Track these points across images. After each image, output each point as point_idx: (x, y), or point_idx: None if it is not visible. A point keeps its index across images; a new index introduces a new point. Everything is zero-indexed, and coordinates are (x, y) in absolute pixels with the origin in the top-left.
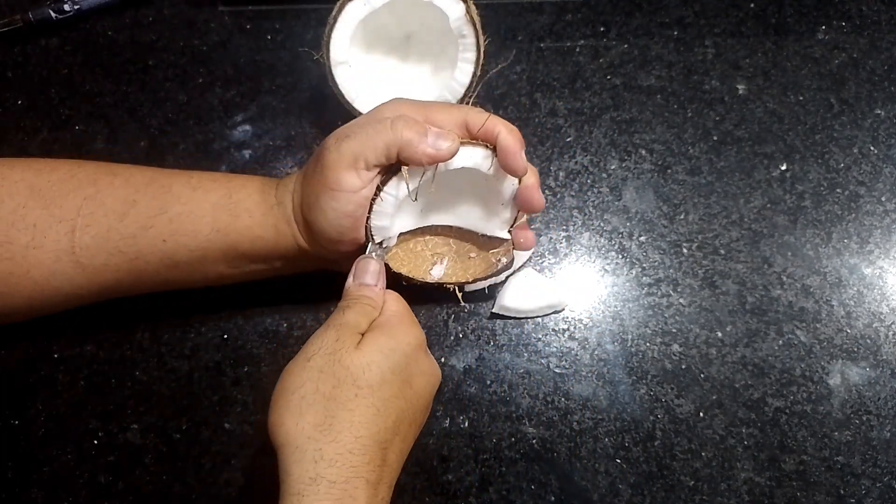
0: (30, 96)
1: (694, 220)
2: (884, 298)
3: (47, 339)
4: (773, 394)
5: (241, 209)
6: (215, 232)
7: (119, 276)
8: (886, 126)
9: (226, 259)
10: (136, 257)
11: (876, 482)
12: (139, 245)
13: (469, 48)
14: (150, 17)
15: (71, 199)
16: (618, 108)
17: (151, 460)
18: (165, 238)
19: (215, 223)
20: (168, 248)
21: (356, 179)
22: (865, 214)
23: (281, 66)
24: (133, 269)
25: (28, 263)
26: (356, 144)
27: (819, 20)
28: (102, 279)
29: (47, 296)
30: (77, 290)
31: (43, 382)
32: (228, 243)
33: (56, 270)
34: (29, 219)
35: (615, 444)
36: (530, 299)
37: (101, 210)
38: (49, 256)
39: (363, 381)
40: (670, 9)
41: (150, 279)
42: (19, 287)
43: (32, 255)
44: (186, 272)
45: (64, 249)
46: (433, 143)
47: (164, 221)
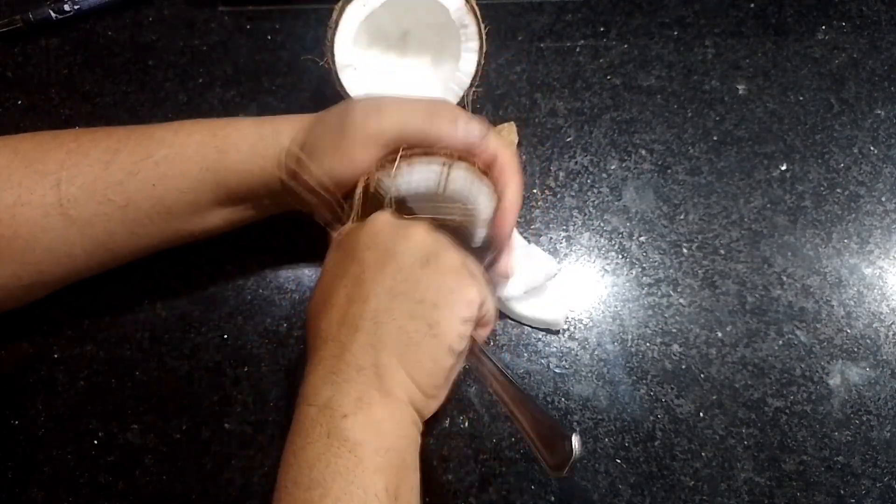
0: (30, 96)
1: (694, 221)
2: (884, 298)
3: (47, 340)
4: (773, 394)
5: (228, 144)
6: (204, 171)
7: (111, 226)
8: (886, 126)
9: (217, 199)
10: (125, 204)
11: (876, 482)
12: (128, 191)
13: (472, 37)
14: (150, 17)
15: (53, 155)
16: (618, 109)
17: (151, 460)
18: (154, 182)
19: (203, 161)
20: (158, 192)
21: (365, 155)
22: (865, 214)
23: (281, 66)
24: (125, 219)
25: (16, 222)
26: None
27: (819, 20)
28: (94, 232)
29: (39, 258)
30: (69, 247)
31: (43, 382)
32: (218, 181)
33: (45, 226)
34: (14, 178)
35: (615, 444)
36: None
37: (85, 161)
38: (37, 212)
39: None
40: (670, 9)
41: (144, 231)
42: (10, 249)
43: (20, 212)
44: (180, 219)
45: (51, 203)
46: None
47: (150, 165)
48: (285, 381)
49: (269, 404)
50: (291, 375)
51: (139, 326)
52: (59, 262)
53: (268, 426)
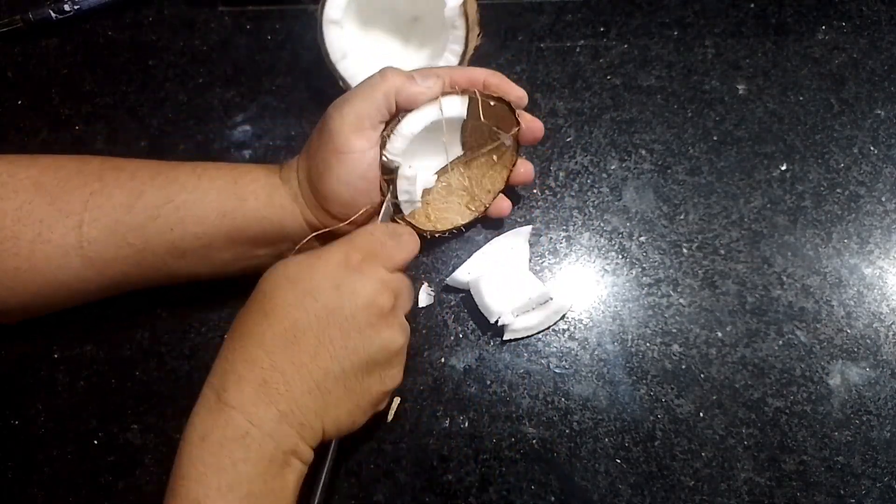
0: (30, 96)
1: (694, 221)
2: (884, 298)
3: (47, 340)
4: (773, 394)
5: (247, 192)
6: (221, 217)
7: (126, 268)
8: (886, 126)
9: (232, 245)
10: (143, 248)
11: (876, 482)
12: (147, 235)
13: (457, 41)
14: (150, 17)
15: (77, 195)
16: (618, 109)
17: (151, 460)
18: (173, 226)
19: (221, 207)
20: (175, 236)
21: (363, 140)
22: (865, 214)
23: (281, 67)
24: (140, 261)
25: (35, 258)
26: (357, 105)
27: (819, 20)
28: (110, 273)
29: (54, 290)
30: (84, 284)
31: (43, 383)
32: (235, 227)
33: (64, 265)
34: (35, 214)
35: (615, 444)
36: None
37: (109, 203)
38: (57, 251)
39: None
40: (670, 9)
41: (155, 271)
42: (26, 283)
43: (40, 249)
44: (193, 261)
45: (72, 244)
46: (422, 83)
47: (170, 210)
48: None
49: None
50: None
51: (139, 326)
52: (73, 297)
53: None
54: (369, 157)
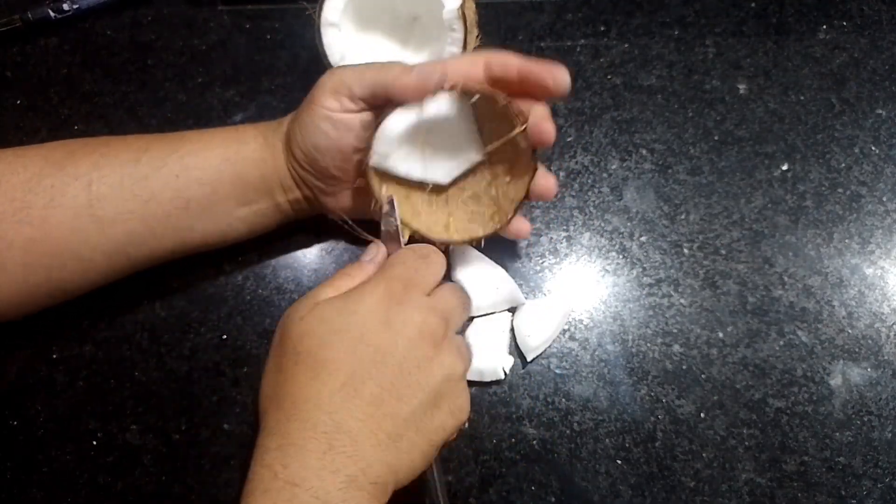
0: (29, 96)
1: (695, 221)
2: (885, 299)
3: (47, 340)
4: (775, 394)
5: (247, 136)
6: (224, 161)
7: (131, 225)
8: (888, 126)
9: (233, 193)
10: (149, 199)
11: (877, 483)
12: (151, 185)
13: (455, 43)
14: (149, 16)
15: (86, 159)
16: (618, 108)
17: (150, 461)
18: (177, 173)
19: (224, 152)
20: (180, 183)
21: (335, 102)
22: (867, 214)
23: (280, 66)
24: (146, 214)
25: (48, 225)
26: (346, 73)
27: (820, 20)
28: (115, 233)
29: (64, 263)
30: (91, 251)
31: (42, 383)
32: (236, 171)
33: (75, 227)
34: (45, 182)
35: (616, 444)
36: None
37: (117, 160)
38: (68, 213)
39: (302, 348)
40: (671, 8)
41: (161, 229)
42: (40, 254)
43: (52, 215)
44: (196, 214)
45: (82, 204)
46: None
47: (175, 159)
48: None
49: None
50: None
51: (138, 327)
52: (81, 267)
53: None
54: (338, 119)
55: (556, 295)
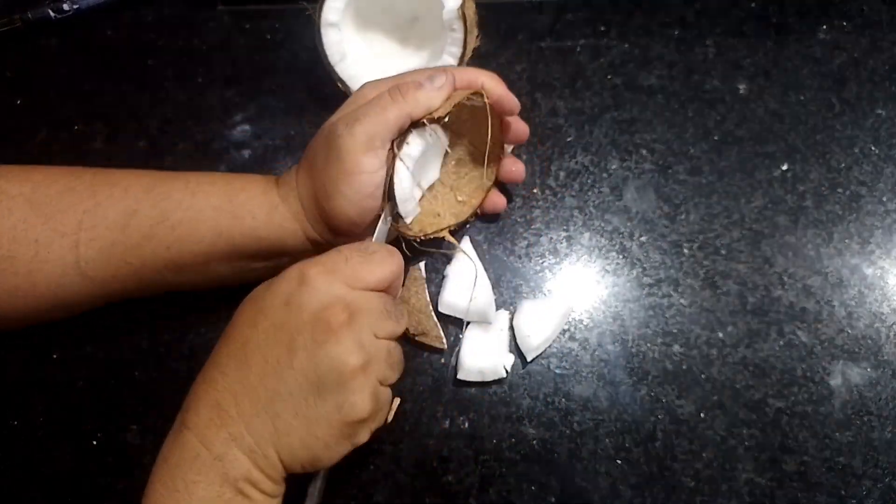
0: (29, 96)
1: (695, 220)
2: (885, 299)
3: (47, 341)
4: (775, 394)
5: (243, 211)
6: (217, 236)
7: (125, 284)
8: (888, 126)
9: (230, 260)
10: (141, 266)
11: (877, 483)
12: (143, 255)
13: (455, 43)
14: (149, 16)
15: (71, 214)
16: (618, 108)
17: (150, 461)
18: (169, 245)
19: (217, 227)
20: (172, 254)
21: (375, 160)
22: (867, 214)
23: (280, 66)
24: (139, 278)
25: (34, 278)
26: (369, 125)
27: (820, 20)
28: (109, 289)
29: (53, 306)
30: (83, 298)
31: (42, 383)
32: (233, 245)
33: (63, 283)
34: (31, 234)
35: (616, 445)
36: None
37: (104, 223)
38: (55, 270)
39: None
40: (671, 8)
41: (154, 284)
42: (26, 300)
43: (38, 269)
44: (191, 275)
45: (70, 263)
46: (433, 86)
47: (166, 229)
48: None
49: None
50: None
51: (138, 327)
52: (72, 310)
53: None
54: (379, 177)
55: (557, 295)
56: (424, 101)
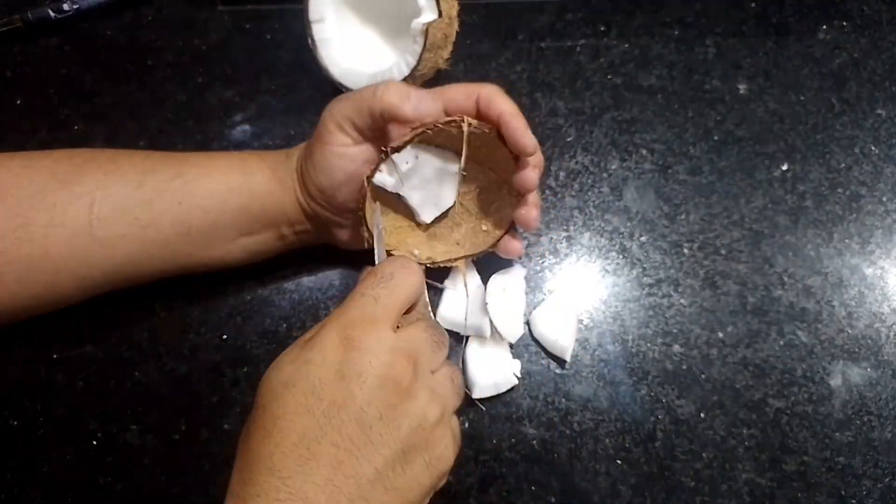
0: (29, 96)
1: (695, 221)
2: (885, 299)
3: (46, 340)
4: (775, 394)
5: (253, 167)
6: (228, 191)
7: (131, 248)
8: (888, 126)
9: (236, 224)
10: (149, 223)
11: (877, 483)
12: (153, 210)
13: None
14: (149, 16)
15: (90, 177)
16: (618, 108)
17: (150, 461)
18: (180, 200)
19: (229, 182)
20: (182, 210)
21: (343, 136)
22: (867, 215)
23: (280, 66)
24: (145, 238)
25: (48, 243)
26: (345, 105)
27: (820, 20)
28: (114, 254)
29: (62, 280)
30: (90, 270)
31: (42, 383)
32: (241, 203)
33: (74, 247)
34: (49, 199)
35: (616, 445)
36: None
37: (121, 181)
38: (67, 232)
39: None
40: (671, 8)
41: (160, 254)
42: (38, 271)
43: (52, 233)
44: (197, 240)
45: (82, 224)
46: (415, 106)
47: (179, 184)
48: None
49: None
50: None
51: (138, 327)
52: (79, 284)
53: None
54: (349, 153)
55: (561, 293)
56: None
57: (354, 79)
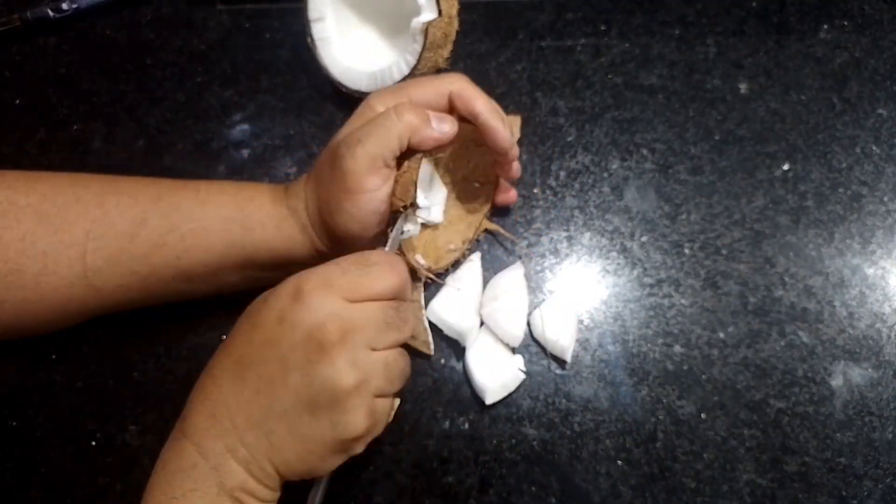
0: (27, 96)
1: (696, 220)
2: (886, 299)
3: (45, 341)
4: (776, 395)
5: (253, 222)
6: (229, 247)
7: (132, 294)
8: (889, 126)
9: (240, 270)
10: (149, 275)
11: (878, 483)
12: (152, 264)
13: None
14: (148, 15)
15: (79, 225)
16: (619, 108)
17: (149, 462)
18: (179, 255)
19: (228, 238)
20: (182, 264)
21: (377, 179)
22: (868, 214)
23: (279, 65)
24: (146, 287)
25: (42, 290)
26: (371, 147)
27: (821, 19)
28: (116, 299)
29: (59, 317)
30: (90, 309)
31: (41, 384)
32: (244, 256)
33: (70, 295)
34: (38, 246)
35: (616, 445)
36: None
37: (111, 232)
38: (62, 282)
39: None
40: (672, 7)
41: (162, 293)
42: (34, 312)
43: (45, 281)
44: (200, 284)
45: (77, 275)
46: (438, 128)
47: (175, 239)
48: None
49: None
50: None
51: (137, 327)
52: (77, 319)
53: None
54: (381, 194)
55: (561, 293)
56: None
57: (354, 77)
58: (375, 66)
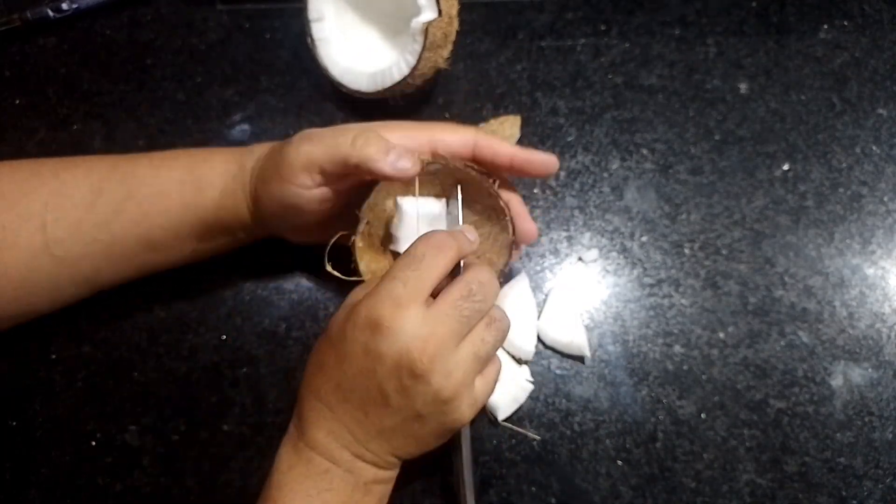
0: (27, 96)
1: (696, 220)
2: (886, 299)
3: (45, 341)
4: (776, 395)
5: (204, 183)
6: (184, 207)
7: (97, 263)
8: (889, 126)
9: (196, 233)
10: (112, 243)
11: (878, 483)
12: (113, 231)
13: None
14: (148, 15)
15: (35, 197)
16: (619, 108)
17: (149, 462)
18: (138, 221)
19: (183, 200)
20: (142, 230)
21: (307, 179)
22: (868, 214)
23: (279, 65)
24: (110, 255)
25: (4, 264)
26: (315, 150)
27: (821, 19)
28: (81, 269)
29: (27, 294)
30: (56, 283)
31: (41, 384)
32: (197, 216)
33: (34, 267)
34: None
35: (616, 445)
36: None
37: (69, 202)
38: (24, 254)
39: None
40: (672, 7)
41: (127, 264)
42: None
43: (8, 255)
44: (162, 252)
45: (38, 246)
46: (393, 163)
47: (133, 205)
48: (284, 383)
49: (267, 406)
50: (290, 376)
51: (137, 327)
52: (48, 296)
53: (266, 428)
54: (310, 195)
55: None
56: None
57: (353, 78)
58: (375, 67)
